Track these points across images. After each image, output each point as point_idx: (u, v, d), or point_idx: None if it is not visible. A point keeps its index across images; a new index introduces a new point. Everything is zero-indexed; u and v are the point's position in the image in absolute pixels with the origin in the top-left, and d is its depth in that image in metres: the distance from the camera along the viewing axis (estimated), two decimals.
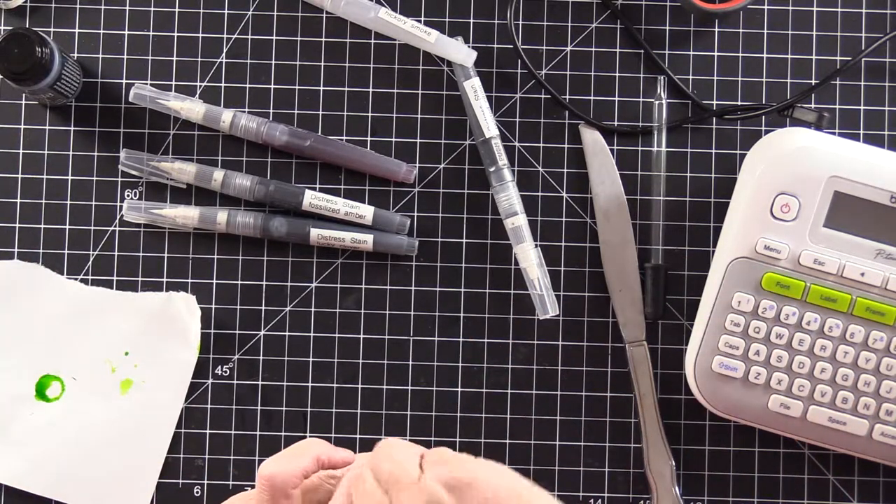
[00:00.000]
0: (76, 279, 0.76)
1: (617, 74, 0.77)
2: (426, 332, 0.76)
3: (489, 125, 0.75)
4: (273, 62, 0.77)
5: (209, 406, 0.75)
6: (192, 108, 0.75)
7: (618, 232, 0.76)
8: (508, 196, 0.74)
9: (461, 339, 0.76)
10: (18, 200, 0.76)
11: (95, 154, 0.76)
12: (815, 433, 0.72)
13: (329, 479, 0.64)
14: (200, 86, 0.77)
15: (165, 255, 0.76)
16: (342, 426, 0.75)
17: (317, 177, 0.76)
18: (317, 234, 0.75)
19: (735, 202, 0.72)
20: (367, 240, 0.75)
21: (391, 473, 0.55)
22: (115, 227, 0.76)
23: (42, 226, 0.76)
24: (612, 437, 0.75)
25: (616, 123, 0.77)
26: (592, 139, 0.76)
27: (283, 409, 0.76)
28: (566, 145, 0.76)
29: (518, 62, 0.77)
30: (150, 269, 0.76)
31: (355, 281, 0.76)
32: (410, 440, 0.75)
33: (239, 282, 0.76)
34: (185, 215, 0.75)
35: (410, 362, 0.76)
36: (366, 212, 0.75)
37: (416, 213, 0.76)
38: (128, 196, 0.76)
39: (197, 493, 0.75)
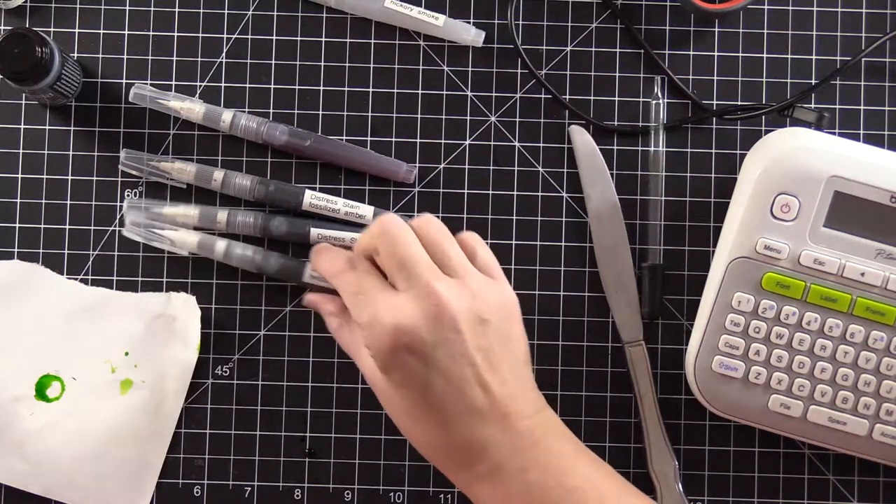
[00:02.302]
0: (76, 279, 0.76)
1: (617, 74, 0.77)
2: None
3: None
4: (273, 62, 0.77)
5: (209, 406, 0.75)
6: (192, 108, 0.75)
7: (611, 233, 0.76)
8: None
9: None
10: (18, 200, 0.76)
11: (95, 154, 0.76)
12: (815, 433, 0.72)
13: None
14: (200, 86, 0.77)
15: (165, 255, 0.76)
16: (342, 426, 0.75)
17: (317, 177, 0.76)
18: (316, 233, 0.75)
19: (735, 202, 0.72)
20: None
21: None
22: (115, 227, 0.76)
23: (42, 226, 0.76)
24: (613, 437, 0.75)
25: (616, 123, 0.77)
26: (582, 141, 0.76)
27: (283, 409, 0.76)
28: (566, 145, 0.76)
29: (518, 62, 0.77)
30: (150, 269, 0.76)
31: None
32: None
33: (239, 282, 0.76)
34: (186, 214, 0.75)
35: None
36: (366, 212, 0.75)
37: (416, 213, 0.76)
38: (128, 195, 0.76)
39: (197, 493, 0.75)
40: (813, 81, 0.77)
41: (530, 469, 0.60)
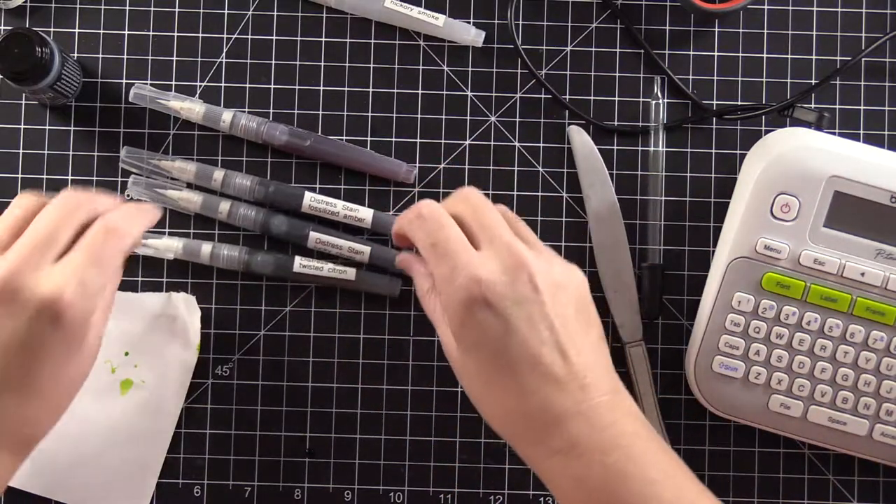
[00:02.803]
0: None
1: (617, 74, 0.77)
2: (426, 332, 0.76)
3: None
4: (273, 62, 0.77)
5: (209, 406, 0.75)
6: (192, 108, 0.75)
7: (610, 233, 0.76)
8: None
9: None
10: None
11: (95, 154, 0.76)
12: (815, 433, 0.72)
13: None
14: (200, 86, 0.77)
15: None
16: (342, 426, 0.75)
17: (317, 177, 0.76)
18: (315, 237, 0.75)
19: (735, 202, 0.72)
20: (364, 251, 0.75)
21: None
22: None
23: None
24: None
25: (616, 123, 0.77)
26: (581, 141, 0.76)
27: (283, 409, 0.76)
28: (566, 145, 0.76)
29: (518, 62, 0.77)
30: (150, 269, 0.76)
31: None
32: (410, 440, 0.75)
33: (239, 282, 0.76)
34: (189, 199, 0.75)
35: (410, 362, 0.76)
36: (365, 215, 0.75)
37: None
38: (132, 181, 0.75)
39: (197, 493, 0.75)
40: (813, 81, 0.77)
41: (610, 452, 0.57)
